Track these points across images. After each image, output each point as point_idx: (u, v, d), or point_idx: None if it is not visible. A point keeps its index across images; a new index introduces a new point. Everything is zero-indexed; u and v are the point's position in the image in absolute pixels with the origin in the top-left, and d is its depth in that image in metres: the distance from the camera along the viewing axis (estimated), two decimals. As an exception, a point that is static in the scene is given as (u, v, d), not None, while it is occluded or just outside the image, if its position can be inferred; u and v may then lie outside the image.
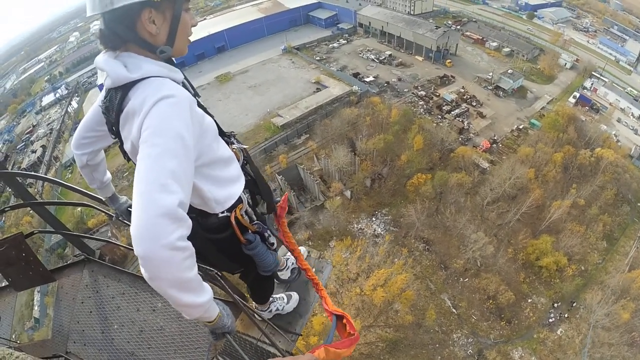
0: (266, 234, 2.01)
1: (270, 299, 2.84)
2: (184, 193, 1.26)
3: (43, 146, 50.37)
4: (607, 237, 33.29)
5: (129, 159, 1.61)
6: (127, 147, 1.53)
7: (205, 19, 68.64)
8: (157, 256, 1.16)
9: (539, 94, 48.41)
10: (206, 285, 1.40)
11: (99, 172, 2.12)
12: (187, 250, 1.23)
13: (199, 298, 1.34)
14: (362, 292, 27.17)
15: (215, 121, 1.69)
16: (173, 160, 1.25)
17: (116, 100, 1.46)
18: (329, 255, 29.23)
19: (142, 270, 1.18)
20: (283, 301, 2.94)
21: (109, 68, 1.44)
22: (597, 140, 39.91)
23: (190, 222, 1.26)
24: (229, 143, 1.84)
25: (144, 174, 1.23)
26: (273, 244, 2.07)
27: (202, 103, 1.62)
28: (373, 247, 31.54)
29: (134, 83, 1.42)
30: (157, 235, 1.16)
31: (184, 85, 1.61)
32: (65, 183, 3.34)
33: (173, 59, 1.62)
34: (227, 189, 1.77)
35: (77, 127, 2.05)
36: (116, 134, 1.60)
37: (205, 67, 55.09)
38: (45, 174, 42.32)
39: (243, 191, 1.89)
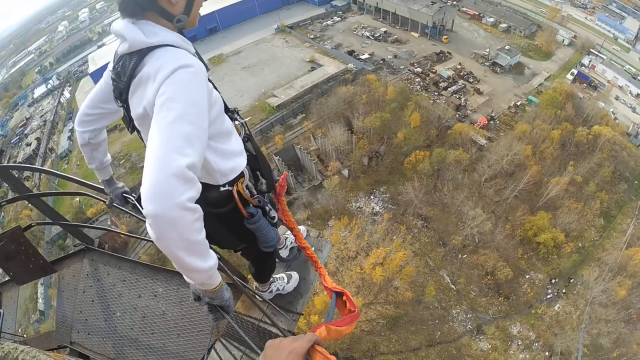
0: (267, 208, 2.03)
1: (271, 279, 2.87)
2: (197, 157, 1.28)
3: (37, 138, 49.68)
4: (604, 214, 33.41)
5: (132, 130, 1.64)
6: (137, 112, 1.53)
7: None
8: (168, 215, 1.16)
9: (537, 71, 47.70)
10: (212, 251, 1.43)
11: (99, 152, 2.13)
12: (196, 212, 1.24)
13: (206, 262, 1.36)
14: (362, 270, 27.50)
15: (221, 97, 1.73)
16: (189, 126, 1.28)
17: (130, 65, 1.48)
18: (328, 234, 29.36)
19: (150, 231, 1.18)
20: (283, 281, 2.97)
21: (128, 33, 1.46)
22: (595, 118, 39.57)
23: (200, 185, 1.28)
24: (232, 119, 1.88)
25: (159, 135, 1.24)
26: (274, 218, 2.10)
27: (210, 78, 1.64)
28: (372, 225, 31.75)
29: (151, 49, 1.44)
30: (169, 194, 1.16)
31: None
32: (61, 173, 3.33)
33: (183, 32, 1.65)
34: (231, 161, 1.81)
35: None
36: (124, 101, 1.60)
37: (197, 50, 54.01)
38: (42, 166, 42.03)
39: (245, 166, 1.93)
